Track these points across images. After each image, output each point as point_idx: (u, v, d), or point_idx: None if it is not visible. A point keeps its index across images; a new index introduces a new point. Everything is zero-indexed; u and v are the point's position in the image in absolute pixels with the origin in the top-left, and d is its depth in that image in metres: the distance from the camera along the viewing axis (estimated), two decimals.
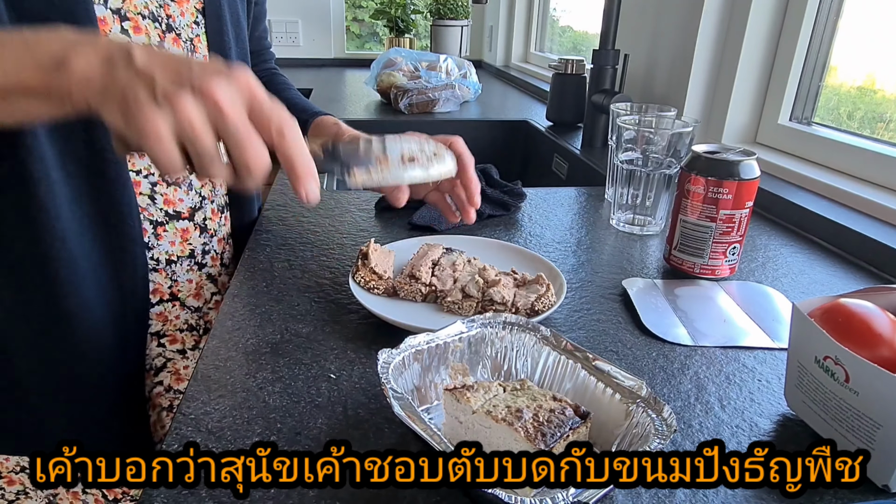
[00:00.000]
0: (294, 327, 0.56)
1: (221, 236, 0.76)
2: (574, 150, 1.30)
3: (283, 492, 0.38)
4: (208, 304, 0.75)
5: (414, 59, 1.84)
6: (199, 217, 0.71)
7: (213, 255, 0.74)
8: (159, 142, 0.38)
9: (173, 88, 0.38)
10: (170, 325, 0.72)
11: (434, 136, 0.68)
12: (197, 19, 0.68)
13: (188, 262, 0.71)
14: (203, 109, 0.39)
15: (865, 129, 0.98)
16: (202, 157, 0.40)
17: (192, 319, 0.74)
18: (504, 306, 0.57)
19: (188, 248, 0.71)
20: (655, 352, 0.55)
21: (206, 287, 0.75)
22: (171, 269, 0.70)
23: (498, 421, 0.38)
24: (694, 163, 0.66)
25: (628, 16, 1.32)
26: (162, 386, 0.74)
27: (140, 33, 0.61)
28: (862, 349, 0.39)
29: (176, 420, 0.44)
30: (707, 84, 1.15)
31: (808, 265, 0.74)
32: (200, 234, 0.72)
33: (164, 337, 0.72)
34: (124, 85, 0.38)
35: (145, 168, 0.65)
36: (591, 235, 0.81)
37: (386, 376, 0.41)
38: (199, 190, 0.71)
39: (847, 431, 0.40)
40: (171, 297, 0.71)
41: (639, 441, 0.38)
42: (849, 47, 1.00)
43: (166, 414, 0.75)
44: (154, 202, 0.66)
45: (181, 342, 0.74)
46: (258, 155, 0.41)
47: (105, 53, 0.40)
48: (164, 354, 0.73)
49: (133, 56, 0.39)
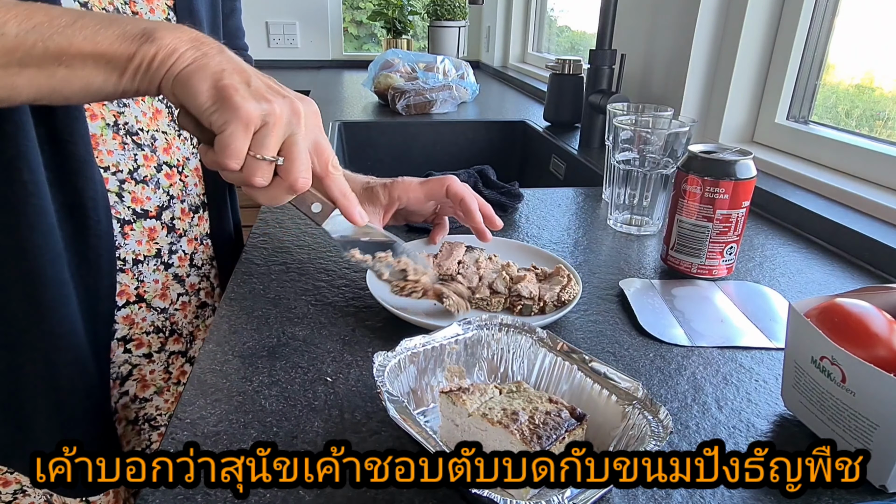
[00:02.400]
0: (290, 330, 0.56)
1: (193, 236, 0.73)
2: (571, 151, 1.30)
3: (282, 492, 0.38)
4: (174, 305, 0.72)
5: (411, 60, 1.84)
6: (166, 216, 0.69)
7: (180, 255, 0.71)
8: (246, 128, 0.42)
9: (268, 92, 0.44)
10: (136, 328, 0.69)
11: (428, 179, 0.69)
12: (168, 16, 0.65)
13: (154, 262, 0.69)
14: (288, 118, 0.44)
15: (864, 126, 0.98)
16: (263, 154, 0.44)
17: (159, 321, 0.71)
18: (532, 300, 0.58)
19: (154, 248, 0.68)
20: (652, 352, 0.55)
21: (173, 287, 0.72)
22: (138, 269, 0.67)
23: (494, 423, 0.38)
24: (690, 163, 0.66)
25: (625, 16, 1.32)
26: (128, 396, 0.71)
27: None
28: (859, 349, 0.39)
29: (172, 424, 0.44)
30: (704, 84, 1.15)
31: (805, 264, 0.74)
32: (168, 233, 0.69)
33: (130, 342, 0.69)
34: (222, 69, 0.42)
35: (113, 165, 0.62)
36: (588, 236, 0.81)
37: (382, 379, 0.41)
38: (168, 189, 0.68)
39: (844, 432, 0.40)
40: (138, 299, 0.68)
41: (635, 443, 0.38)
42: (846, 45, 1.00)
43: (131, 428, 0.73)
44: (122, 199, 0.64)
45: (147, 345, 0.71)
46: (306, 175, 0.46)
47: (192, 36, 0.44)
48: (129, 360, 0.70)
49: (225, 50, 0.44)
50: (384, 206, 0.68)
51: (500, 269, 0.63)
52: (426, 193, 0.68)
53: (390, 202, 0.68)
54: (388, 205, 0.68)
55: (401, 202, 0.68)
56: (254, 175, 0.45)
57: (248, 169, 0.45)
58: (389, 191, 0.68)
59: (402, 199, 0.68)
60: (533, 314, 0.58)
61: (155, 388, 0.73)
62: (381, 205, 0.68)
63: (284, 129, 0.45)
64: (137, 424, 0.74)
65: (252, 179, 0.45)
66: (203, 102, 0.43)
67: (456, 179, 0.68)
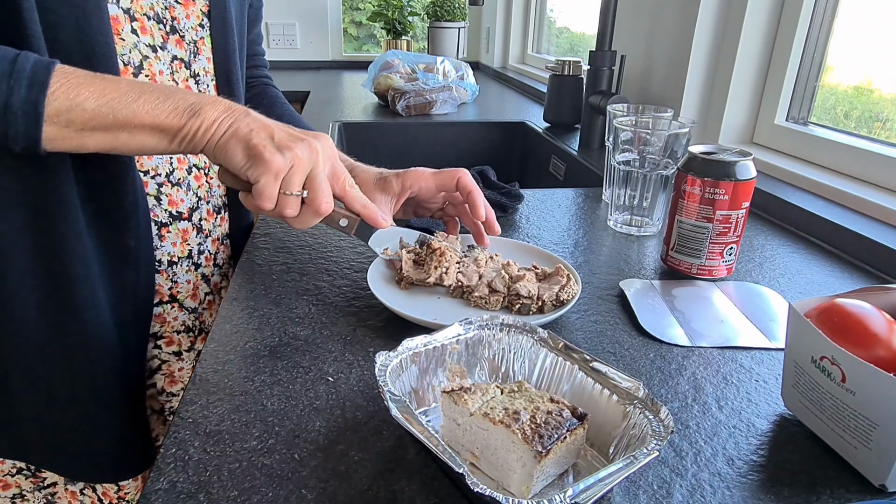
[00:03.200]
0: (292, 330, 0.56)
1: (216, 237, 0.77)
2: (571, 152, 1.30)
3: (284, 491, 0.38)
4: (202, 305, 0.76)
5: (411, 61, 1.84)
6: (196, 217, 0.72)
7: (206, 255, 0.75)
8: (276, 178, 0.52)
9: (290, 141, 0.53)
10: (167, 327, 0.72)
11: (440, 170, 0.70)
12: (202, 22, 0.68)
13: (187, 263, 0.72)
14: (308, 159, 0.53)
15: (862, 128, 0.98)
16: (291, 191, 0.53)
17: (189, 320, 0.74)
18: (531, 300, 0.59)
19: (187, 249, 0.72)
20: (653, 352, 0.55)
21: (201, 287, 0.75)
22: (172, 271, 0.71)
23: (495, 423, 0.38)
24: (690, 164, 0.66)
25: (625, 17, 1.32)
26: (155, 388, 0.74)
27: (146, 34, 0.62)
28: (858, 349, 0.39)
29: (174, 423, 0.44)
30: (703, 85, 1.15)
31: (804, 265, 0.74)
32: (197, 234, 0.73)
33: (160, 339, 0.72)
34: (250, 130, 0.52)
35: (153, 169, 0.65)
36: (588, 236, 0.81)
37: (383, 379, 0.41)
38: (196, 190, 0.71)
39: (844, 431, 0.41)
40: (171, 299, 0.71)
41: (636, 442, 0.38)
42: (846, 47, 1.00)
43: (157, 417, 0.75)
44: (160, 203, 0.67)
45: (178, 344, 0.74)
46: (329, 200, 0.56)
47: (226, 107, 0.53)
48: (159, 356, 0.73)
49: (250, 112, 0.54)
50: (396, 195, 0.70)
51: (500, 268, 0.63)
52: (437, 183, 0.69)
53: (402, 190, 0.70)
54: (399, 193, 0.70)
55: (412, 190, 0.70)
56: (285, 209, 0.54)
57: (281, 205, 0.54)
58: (402, 180, 0.70)
59: (413, 187, 0.70)
60: (531, 313, 0.58)
61: (182, 384, 0.76)
62: (394, 193, 0.70)
63: (306, 169, 0.54)
64: (163, 415, 0.76)
65: (285, 212, 0.55)
66: (239, 162, 0.52)
67: (467, 173, 0.69)
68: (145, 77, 0.63)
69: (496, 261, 0.65)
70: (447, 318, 0.52)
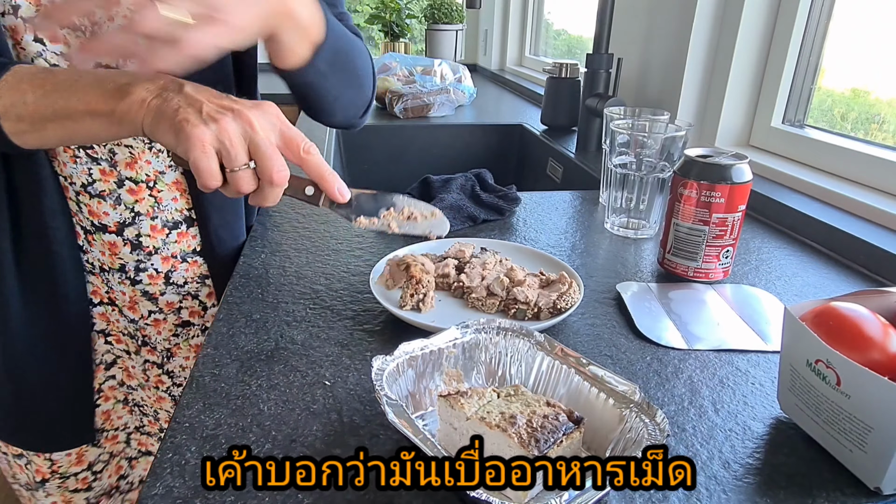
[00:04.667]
0: (289, 334, 0.56)
1: (169, 254, 0.71)
2: (568, 154, 1.30)
3: (281, 496, 0.38)
4: (145, 320, 0.73)
5: (409, 63, 1.84)
6: (129, 233, 0.68)
7: (150, 272, 0.70)
8: (203, 151, 0.47)
9: (217, 112, 0.48)
10: (113, 326, 0.74)
11: None
12: None
13: (119, 275, 0.70)
14: (240, 128, 0.48)
15: (859, 130, 0.98)
16: (234, 166, 0.48)
17: (130, 329, 0.73)
18: (527, 305, 0.58)
19: (118, 262, 0.69)
20: (649, 356, 0.55)
21: (142, 303, 0.72)
22: (105, 277, 0.70)
23: (492, 427, 0.38)
24: (686, 167, 0.66)
25: (621, 20, 1.32)
26: (115, 380, 0.77)
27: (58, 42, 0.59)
28: (853, 352, 0.39)
29: (170, 428, 0.44)
30: (700, 87, 1.15)
31: (800, 268, 0.74)
32: (132, 250, 0.69)
33: (109, 336, 0.74)
34: (177, 107, 0.48)
35: (68, 177, 0.64)
36: (585, 239, 0.82)
37: (380, 383, 0.41)
38: (132, 205, 0.67)
39: (839, 434, 0.41)
40: (110, 302, 0.72)
41: (632, 446, 0.39)
42: (841, 49, 1.00)
43: (122, 406, 0.78)
44: (80, 210, 0.66)
45: (125, 344, 0.75)
46: (281, 168, 0.50)
47: (161, 84, 0.49)
48: (112, 352, 0.75)
49: (183, 86, 0.49)
50: None
51: (505, 271, 0.63)
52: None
53: None
54: None
55: None
56: (239, 185, 0.50)
57: (233, 183, 0.50)
58: None
59: None
60: (526, 319, 0.58)
61: (137, 381, 0.78)
62: None
63: (240, 139, 0.49)
64: (128, 405, 0.79)
65: (240, 189, 0.50)
66: (169, 141, 0.49)
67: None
68: None
69: (504, 265, 0.65)
70: (445, 322, 0.52)
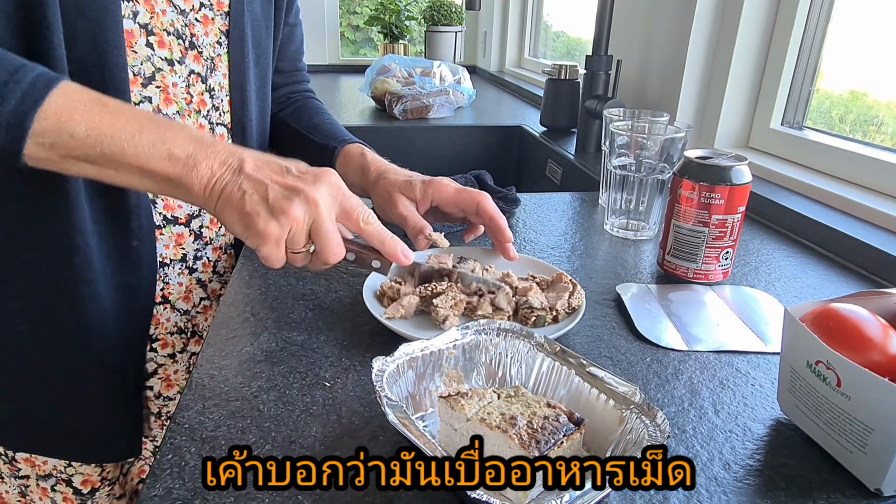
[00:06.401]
0: (289, 335, 0.56)
1: (218, 245, 0.77)
2: (568, 156, 1.30)
3: (280, 496, 0.38)
4: (196, 308, 0.77)
5: (408, 65, 1.84)
6: (195, 224, 0.73)
7: (204, 261, 0.76)
8: (276, 247, 0.50)
9: (284, 198, 0.49)
10: (161, 329, 0.73)
11: (463, 188, 0.70)
12: (220, 40, 0.71)
13: (180, 266, 0.73)
14: (307, 215, 0.50)
15: (857, 132, 0.98)
16: (295, 249, 0.52)
17: (181, 322, 0.75)
18: (545, 311, 0.57)
19: (180, 252, 0.73)
20: (649, 357, 0.55)
21: (196, 291, 0.76)
22: (164, 272, 0.72)
23: (492, 428, 0.38)
24: (686, 168, 0.67)
25: (621, 21, 1.33)
26: (152, 392, 0.75)
27: (163, 48, 0.64)
28: (853, 354, 0.39)
29: (170, 429, 0.44)
30: (699, 89, 1.15)
31: (800, 269, 0.75)
32: (195, 240, 0.74)
33: (156, 341, 0.74)
34: (243, 194, 0.49)
35: None
36: (585, 241, 0.82)
37: (380, 384, 0.41)
38: None
39: (839, 436, 0.41)
40: (163, 300, 0.73)
41: (633, 447, 0.39)
42: (840, 51, 1.00)
43: (154, 419, 0.77)
44: (155, 206, 0.68)
45: (171, 346, 0.75)
46: (337, 252, 0.53)
47: (222, 159, 0.50)
48: (155, 360, 0.74)
49: (244, 163, 0.51)
50: (417, 201, 0.70)
51: (499, 278, 0.62)
52: (457, 201, 0.70)
53: (423, 198, 0.70)
54: (421, 199, 0.70)
55: (433, 201, 0.71)
56: (295, 262, 0.53)
57: (291, 261, 0.53)
58: (426, 188, 0.70)
59: (434, 198, 0.70)
60: (546, 324, 0.56)
61: (178, 388, 0.77)
62: (416, 199, 0.70)
63: (306, 226, 0.51)
64: (161, 419, 0.78)
65: (295, 265, 0.54)
66: (237, 231, 0.51)
67: (488, 197, 0.69)
68: (156, 88, 0.65)
69: (492, 273, 0.63)
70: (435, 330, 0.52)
